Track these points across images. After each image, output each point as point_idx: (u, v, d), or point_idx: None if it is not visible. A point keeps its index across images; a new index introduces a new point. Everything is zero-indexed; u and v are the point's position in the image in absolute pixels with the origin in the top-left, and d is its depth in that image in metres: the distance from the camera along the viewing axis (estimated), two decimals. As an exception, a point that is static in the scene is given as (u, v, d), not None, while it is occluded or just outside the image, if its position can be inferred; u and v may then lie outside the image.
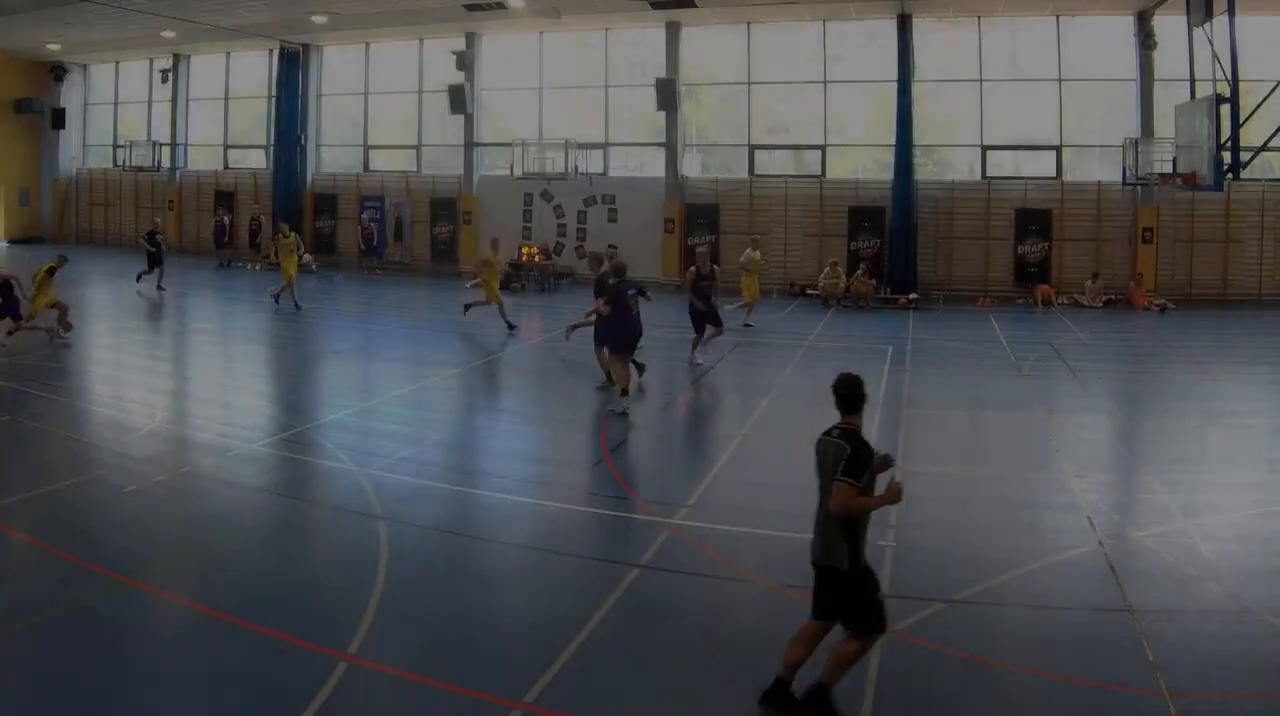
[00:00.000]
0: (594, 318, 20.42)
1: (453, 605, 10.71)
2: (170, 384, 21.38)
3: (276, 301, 32.78)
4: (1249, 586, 11.09)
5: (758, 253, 32.35)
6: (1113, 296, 36.80)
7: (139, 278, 36.64)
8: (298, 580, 11.31)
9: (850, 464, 8.31)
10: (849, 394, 8.81)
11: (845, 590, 8.42)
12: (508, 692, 8.69)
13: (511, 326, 28.96)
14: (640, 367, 20.99)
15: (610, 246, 25.28)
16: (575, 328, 23.66)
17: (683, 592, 11.16)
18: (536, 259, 41.17)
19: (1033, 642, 10.01)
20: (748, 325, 30.12)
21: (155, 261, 36.58)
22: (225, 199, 49.19)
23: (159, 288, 36.15)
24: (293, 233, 34.95)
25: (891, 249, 38.54)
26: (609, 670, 9.31)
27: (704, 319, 24.11)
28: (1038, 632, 10.26)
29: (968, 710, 8.88)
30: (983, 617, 10.60)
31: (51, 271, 25.35)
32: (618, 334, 19.67)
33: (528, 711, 8.50)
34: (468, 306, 29.75)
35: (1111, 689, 8.93)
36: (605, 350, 20.09)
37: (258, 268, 44.68)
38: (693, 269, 25.00)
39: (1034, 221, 38.19)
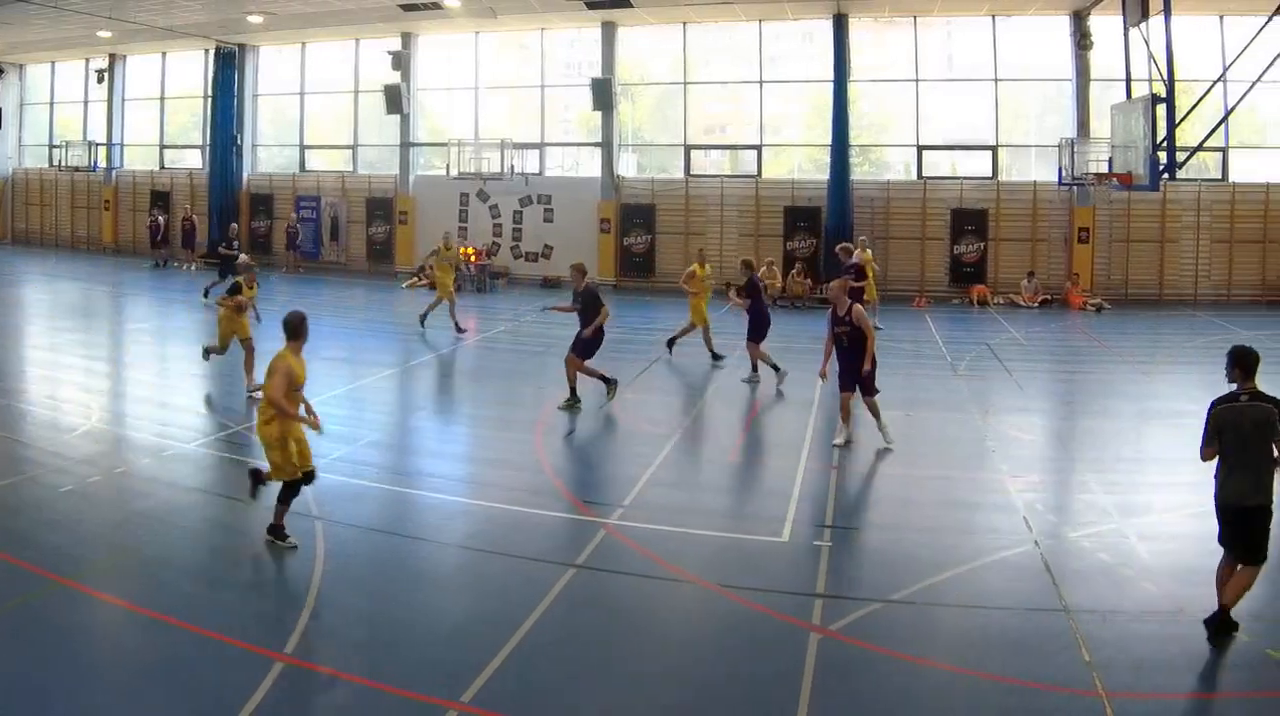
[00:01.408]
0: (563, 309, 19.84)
1: (389, 605, 10.36)
2: (106, 384, 20.04)
3: (423, 323, 27.99)
4: (1185, 586, 10.68)
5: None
6: (1049, 296, 35.25)
7: (206, 293, 31.94)
8: (234, 580, 11.01)
9: None
10: (1251, 361, 9.52)
11: (1263, 525, 9.35)
12: (444, 692, 8.45)
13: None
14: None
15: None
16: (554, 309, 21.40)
17: (619, 592, 10.85)
18: (473, 259, 38.85)
19: (969, 642, 9.75)
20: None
21: (226, 271, 31.69)
22: (161, 199, 46.37)
23: (205, 293, 31.83)
24: (456, 244, 31.36)
25: (828, 249, 36.11)
26: (545, 670, 9.04)
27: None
28: (973, 632, 9.99)
29: (903, 710, 8.57)
30: (919, 617, 10.29)
31: None
32: (595, 343, 19.22)
33: (464, 711, 8.24)
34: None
35: (1047, 689, 8.66)
36: (574, 356, 19.11)
37: (193, 268, 42.23)
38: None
39: (970, 221, 36.45)
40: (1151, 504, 14.00)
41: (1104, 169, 29.73)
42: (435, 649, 9.38)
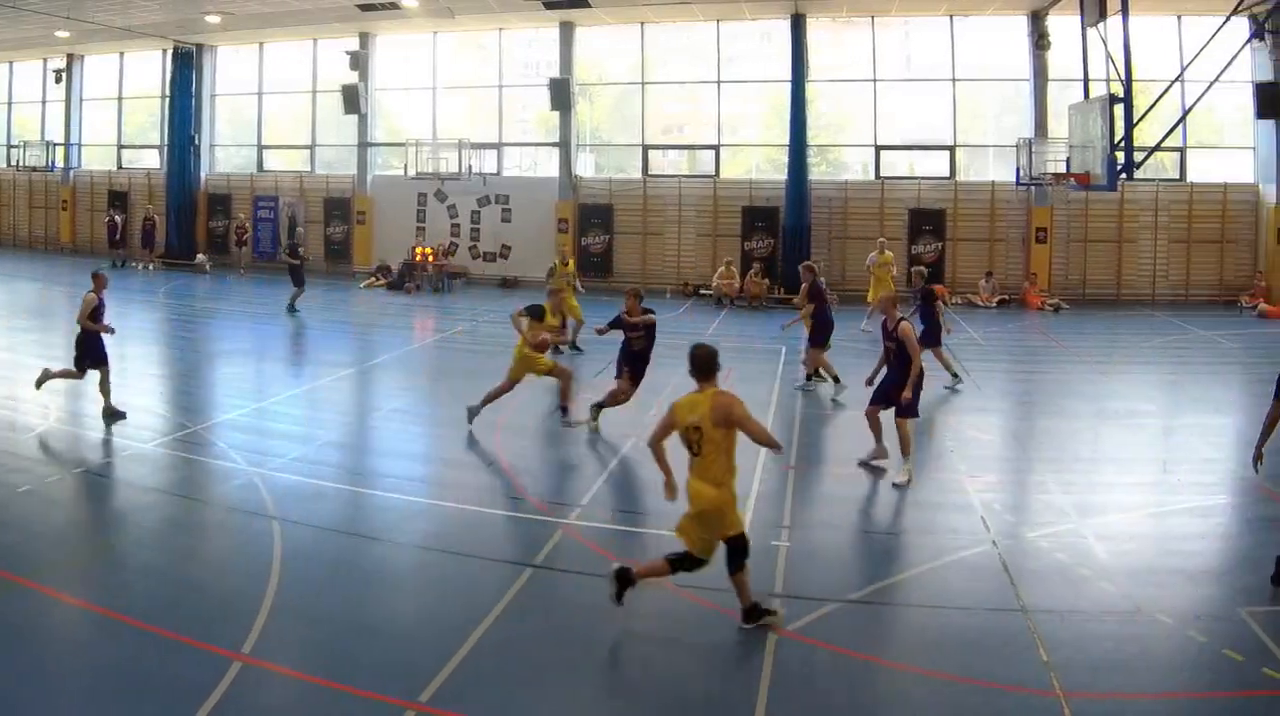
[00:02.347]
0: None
1: (347, 605, 10.07)
2: (64, 383, 18.87)
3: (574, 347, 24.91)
4: (1143, 586, 10.51)
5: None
6: (1006, 296, 33.98)
7: (292, 306, 30.31)
8: (191, 580, 10.62)
9: None
10: None
11: None
12: (402, 692, 8.21)
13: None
14: None
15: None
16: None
17: (576, 592, 10.51)
18: (431, 259, 37.33)
19: (926, 643, 9.47)
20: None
21: (298, 275, 30.64)
22: (119, 199, 44.36)
23: (291, 308, 30.18)
24: (570, 262, 27.66)
25: (785, 249, 35.22)
26: (503, 670, 8.75)
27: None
28: (931, 633, 9.70)
29: (861, 710, 8.45)
30: (877, 618, 10.11)
31: None
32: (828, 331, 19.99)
33: (422, 711, 8.04)
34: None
35: (1005, 689, 8.45)
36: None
37: (150, 268, 40.60)
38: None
39: (928, 221, 35.15)
40: (1109, 504, 13.49)
41: (1062, 169, 28.80)
42: (393, 649, 9.13)
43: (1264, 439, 10.74)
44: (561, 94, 37.01)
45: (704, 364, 9.38)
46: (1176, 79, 26.62)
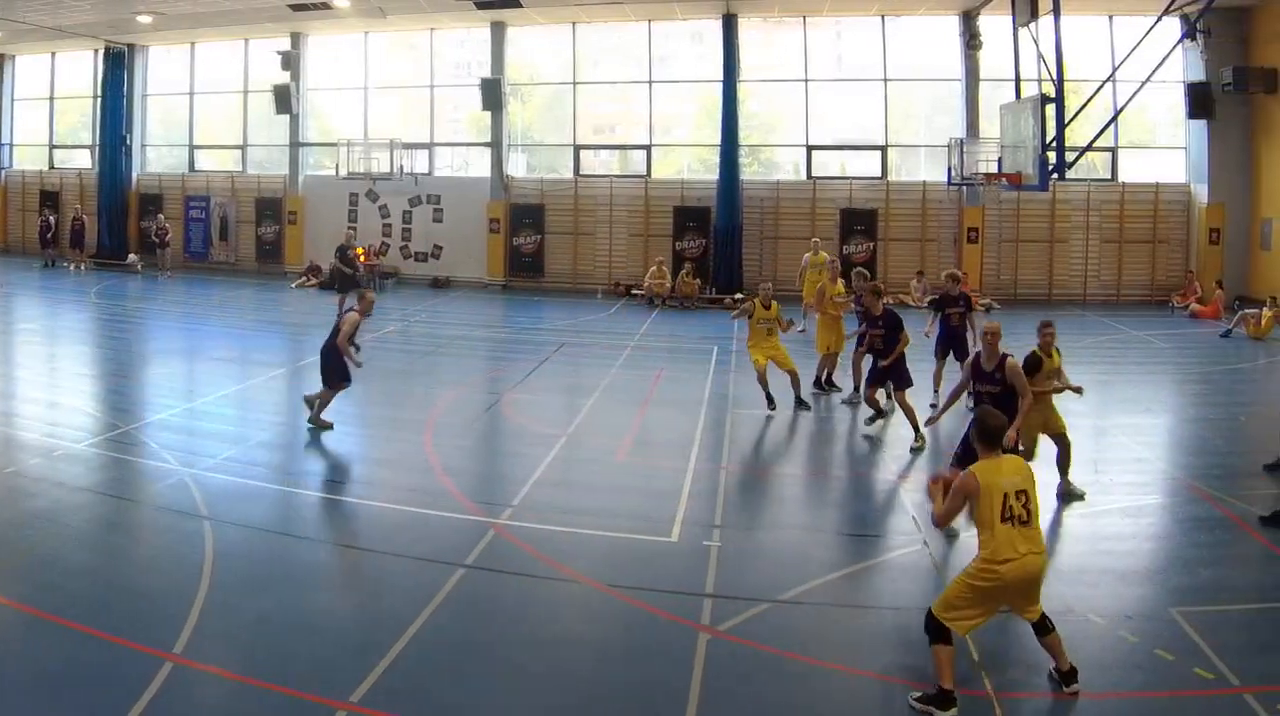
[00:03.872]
0: None
1: (279, 605, 9.53)
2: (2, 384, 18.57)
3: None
4: (1074, 586, 10.02)
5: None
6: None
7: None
8: (123, 580, 10.07)
9: None
10: None
11: None
12: (333, 692, 7.77)
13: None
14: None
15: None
16: None
17: (508, 592, 10.02)
18: (362, 259, 34.45)
19: (858, 642, 9.12)
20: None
21: (351, 284, 28.40)
22: (50, 199, 41.19)
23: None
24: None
25: (717, 249, 33.07)
26: (434, 670, 8.34)
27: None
28: (863, 632, 9.37)
29: (792, 710, 7.95)
30: (808, 617, 9.61)
31: None
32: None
33: (353, 711, 7.61)
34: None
35: None
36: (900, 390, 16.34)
37: (82, 268, 37.71)
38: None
39: (859, 221, 32.84)
40: (1040, 504, 11.09)
41: (993, 169, 27.28)
42: (324, 649, 8.69)
43: None
44: (493, 94, 34.61)
45: (996, 434, 8.12)
46: (1108, 79, 25.48)
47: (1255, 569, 10.86)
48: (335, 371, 15.85)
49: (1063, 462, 12.96)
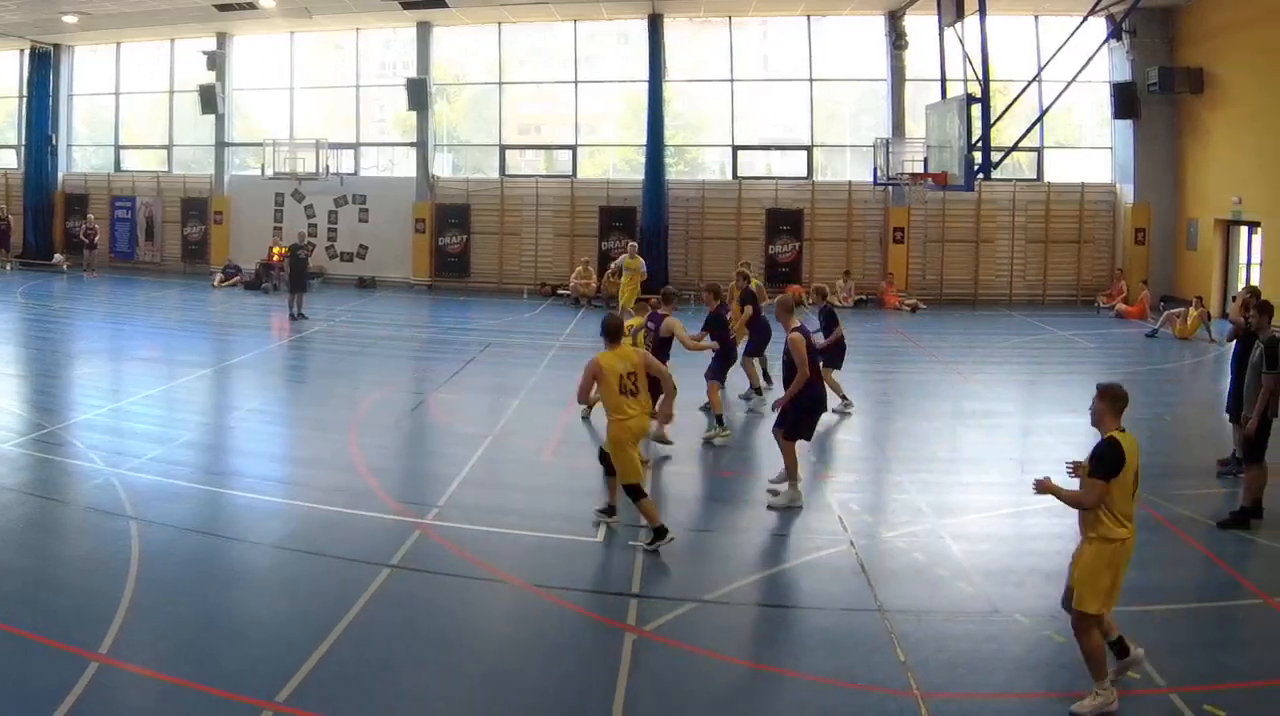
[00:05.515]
0: None
1: (205, 605, 8.94)
2: None
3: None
4: (1000, 586, 9.50)
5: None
6: (864, 296, 29.55)
7: (296, 312, 26.28)
8: (49, 579, 9.45)
9: None
10: None
11: None
12: (259, 692, 7.31)
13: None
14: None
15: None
16: None
17: (433, 592, 9.43)
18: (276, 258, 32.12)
19: (784, 642, 8.73)
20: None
21: (298, 283, 26.49)
22: (-24, 200, 38.47)
23: (299, 314, 26.20)
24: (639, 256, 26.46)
25: (643, 249, 30.15)
26: (360, 670, 7.81)
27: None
28: (789, 632, 8.92)
29: (717, 709, 7.55)
30: (734, 617, 9.08)
31: None
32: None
33: (279, 711, 7.16)
34: None
35: (862, 689, 7.58)
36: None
37: (7, 268, 35.11)
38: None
39: (785, 221, 30.68)
40: (966, 504, 12.36)
41: (919, 169, 25.74)
42: (250, 649, 8.14)
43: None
44: (419, 94, 32.22)
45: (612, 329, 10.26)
46: (1034, 79, 24.15)
47: (1181, 569, 10.25)
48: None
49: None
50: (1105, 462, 7.14)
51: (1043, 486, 7.43)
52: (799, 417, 11.98)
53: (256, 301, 30.53)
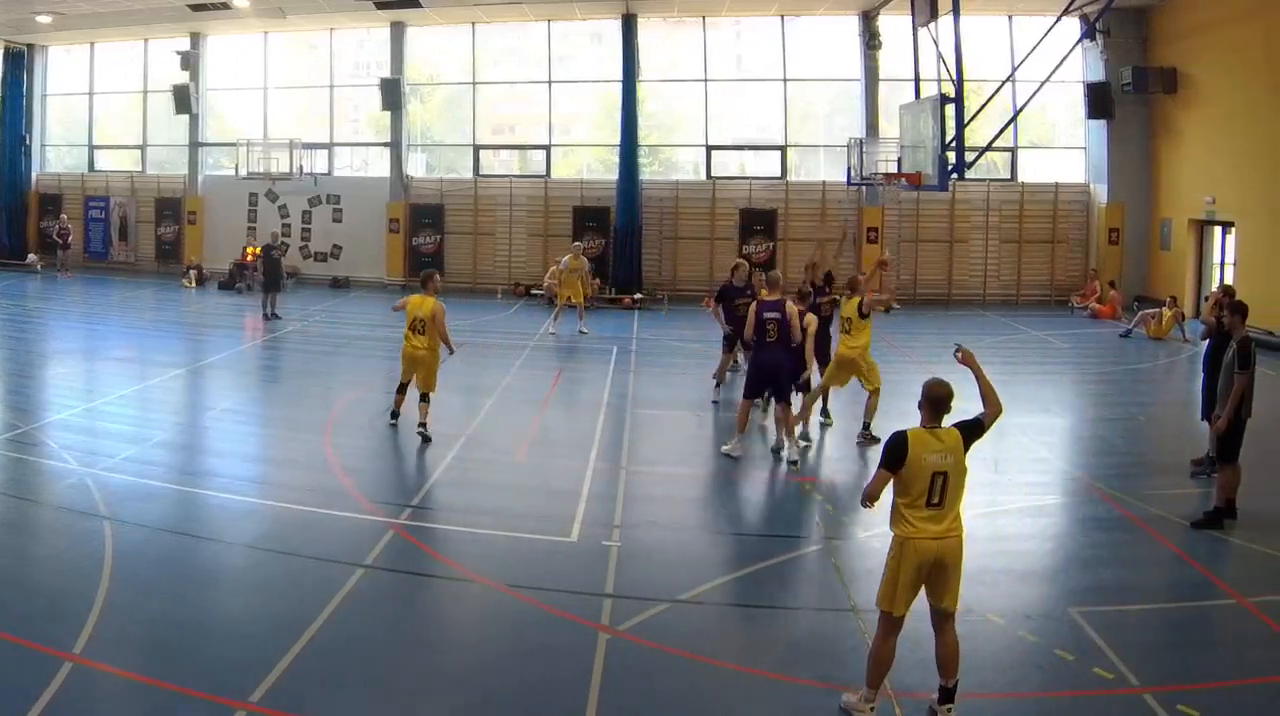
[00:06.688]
0: None
1: (178, 605, 8.63)
2: None
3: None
4: (973, 586, 8.48)
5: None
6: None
7: (270, 312, 25.47)
8: (22, 579, 9.11)
9: None
10: None
11: None
12: (233, 692, 7.08)
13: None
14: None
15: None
16: None
17: (407, 593, 9.25)
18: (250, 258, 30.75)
19: (758, 642, 8.39)
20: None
21: (272, 283, 25.52)
22: (-50, 201, 36.99)
23: (272, 314, 25.36)
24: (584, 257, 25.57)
25: (616, 249, 29.68)
26: (334, 670, 7.59)
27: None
28: (763, 632, 8.63)
29: (692, 710, 7.31)
30: (708, 617, 8.80)
31: None
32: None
33: (253, 711, 6.93)
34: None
35: (837, 688, 7.22)
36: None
37: (-17, 269, 33.59)
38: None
39: (758, 221, 29.41)
40: None
41: (893, 169, 24.61)
42: (224, 649, 7.81)
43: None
44: (392, 94, 30.89)
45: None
46: (1008, 79, 23.21)
47: (1155, 569, 9.99)
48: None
49: None
50: (887, 451, 7.07)
51: (966, 357, 7.71)
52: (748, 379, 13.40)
53: (230, 301, 29.40)
